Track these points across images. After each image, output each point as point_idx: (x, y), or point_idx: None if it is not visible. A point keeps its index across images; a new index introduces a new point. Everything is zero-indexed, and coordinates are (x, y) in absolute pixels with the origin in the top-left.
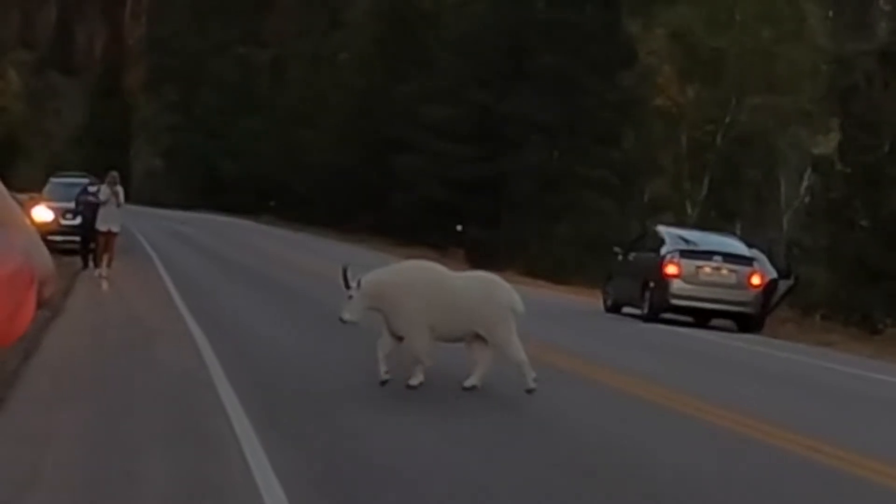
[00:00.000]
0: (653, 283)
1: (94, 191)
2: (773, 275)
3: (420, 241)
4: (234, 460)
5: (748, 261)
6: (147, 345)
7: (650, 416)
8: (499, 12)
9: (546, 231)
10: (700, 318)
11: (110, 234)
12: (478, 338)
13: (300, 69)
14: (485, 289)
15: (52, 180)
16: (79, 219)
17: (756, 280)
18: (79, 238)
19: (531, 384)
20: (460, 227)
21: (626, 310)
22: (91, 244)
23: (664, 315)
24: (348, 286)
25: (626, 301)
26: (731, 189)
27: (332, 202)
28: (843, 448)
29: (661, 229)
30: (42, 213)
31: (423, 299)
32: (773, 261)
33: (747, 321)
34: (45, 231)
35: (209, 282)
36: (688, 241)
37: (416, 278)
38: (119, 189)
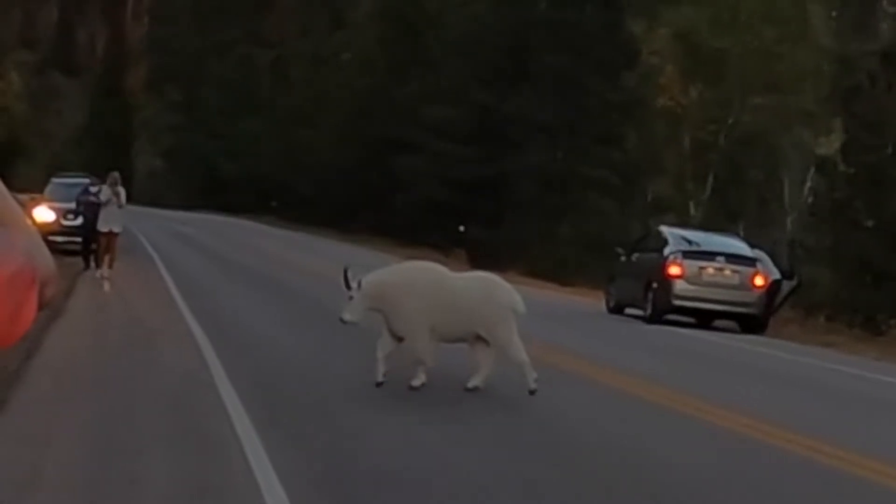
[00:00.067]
0: (656, 284)
1: (94, 191)
2: (776, 275)
3: (422, 241)
4: (235, 461)
5: (751, 261)
6: (148, 345)
7: (652, 416)
8: (500, 12)
9: (548, 231)
10: (703, 319)
11: (111, 235)
12: (479, 339)
13: (302, 69)
14: (485, 289)
15: (54, 181)
16: (80, 219)
17: (759, 281)
18: (80, 239)
19: (532, 385)
20: (462, 228)
21: (629, 311)
22: (92, 245)
23: (667, 316)
24: (349, 287)
25: (629, 302)
26: (734, 189)
27: (334, 202)
28: (844, 448)
29: (663, 230)
30: (43, 213)
31: (424, 300)
32: (776, 261)
33: (750, 322)
34: (46, 232)
35: (210, 282)
36: (691, 242)
37: (416, 279)
38: (120, 189)
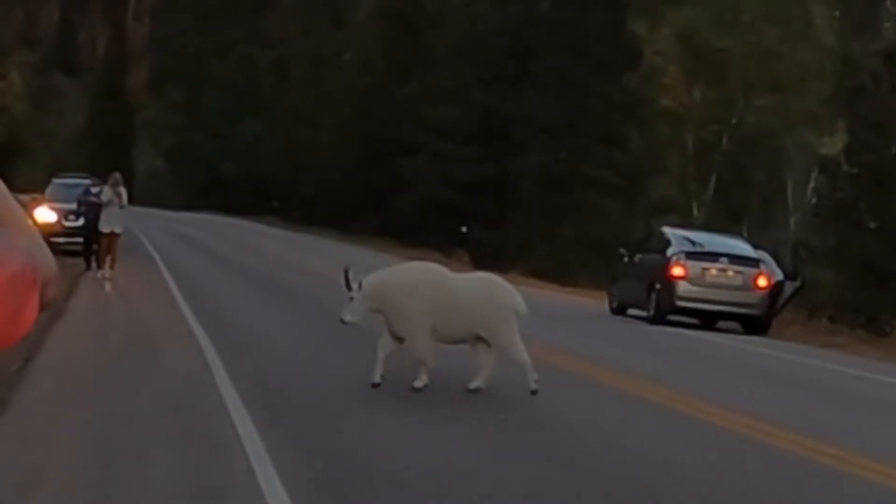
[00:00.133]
0: (658, 285)
1: (96, 192)
2: (779, 276)
3: (424, 242)
4: (236, 461)
5: (754, 262)
6: (150, 346)
7: (653, 417)
8: (503, 12)
9: (550, 232)
10: (706, 320)
11: (113, 236)
12: (481, 340)
13: (303, 69)
14: (486, 290)
15: (55, 181)
16: (81, 220)
17: (762, 282)
18: (81, 239)
19: (533, 385)
20: (464, 229)
21: (632, 311)
22: (94, 245)
23: (670, 317)
24: (349, 287)
25: (632, 303)
26: (737, 190)
27: (335, 203)
28: (845, 449)
29: (666, 230)
30: (45, 214)
31: (425, 301)
32: (779, 262)
33: (753, 323)
34: (47, 232)
35: (211, 282)
36: (694, 243)
37: (417, 280)
38: (122, 190)
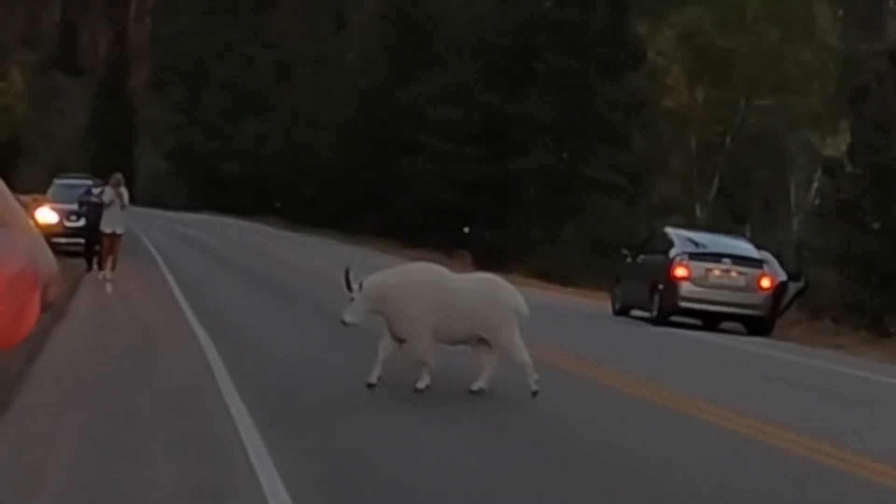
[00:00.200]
0: (661, 286)
1: (97, 192)
2: (782, 277)
3: (426, 242)
4: (237, 462)
5: (758, 263)
6: (151, 347)
7: (654, 417)
8: (504, 12)
9: (553, 233)
10: (709, 321)
11: (114, 237)
12: (482, 341)
13: (305, 70)
14: (488, 290)
15: (56, 182)
16: (83, 221)
17: (765, 282)
18: (83, 240)
19: (534, 387)
20: (467, 229)
21: (635, 312)
22: (95, 246)
23: (673, 318)
24: (350, 288)
25: (635, 304)
26: (741, 191)
27: (337, 203)
28: (846, 449)
29: (669, 231)
30: (46, 214)
31: (426, 302)
32: (782, 263)
33: (757, 324)
34: (48, 233)
35: (213, 284)
36: (697, 244)
37: (418, 281)
38: (123, 191)
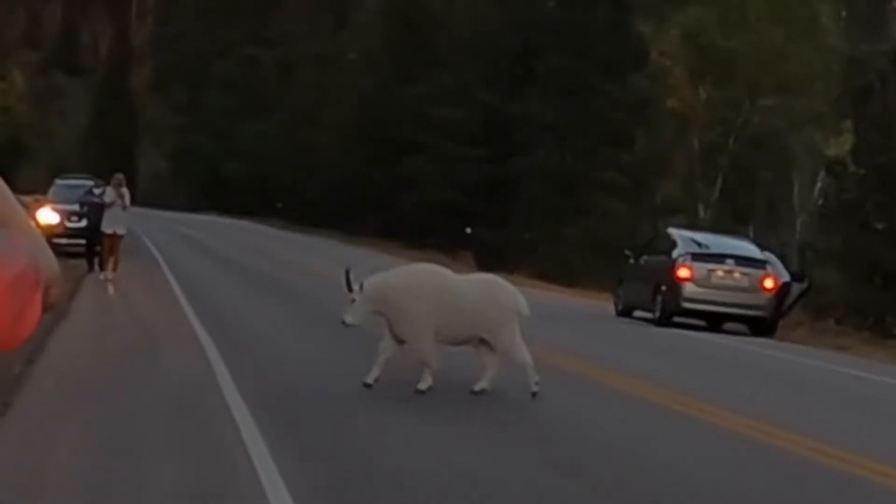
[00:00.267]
0: (664, 287)
1: (98, 193)
2: (785, 278)
3: (428, 243)
4: (239, 463)
5: (761, 264)
6: (152, 348)
7: (655, 418)
8: (507, 12)
9: (556, 233)
10: (712, 321)
11: (116, 237)
12: (484, 341)
13: (307, 70)
14: (489, 291)
15: (57, 182)
16: (84, 221)
17: (769, 283)
18: (84, 241)
19: (534, 388)
20: (469, 230)
21: (638, 314)
22: (96, 247)
23: (676, 319)
24: (350, 289)
25: (638, 305)
26: (744, 191)
27: (339, 204)
28: (847, 450)
29: (672, 232)
30: (47, 215)
31: (428, 302)
32: (785, 264)
33: (760, 325)
34: (49, 234)
35: (215, 284)
36: (700, 244)
37: (419, 281)
38: (125, 191)
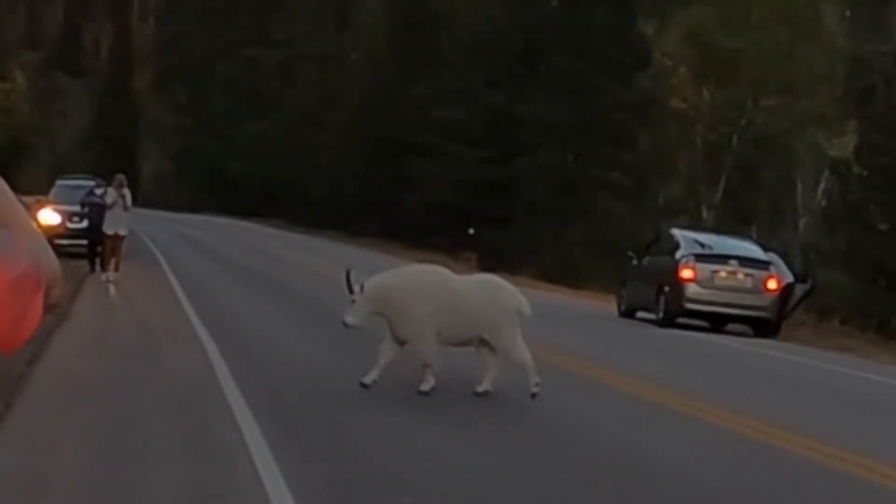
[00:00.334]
0: (668, 288)
1: (100, 193)
2: (789, 279)
3: (431, 244)
4: (241, 464)
5: (764, 265)
6: (154, 349)
7: (655, 418)
8: (511, 13)
9: (559, 234)
10: (716, 322)
11: (117, 238)
12: (485, 342)
13: (309, 70)
14: (490, 292)
15: (59, 183)
16: (85, 222)
17: (772, 284)
18: (86, 241)
19: (534, 388)
20: (472, 231)
21: (641, 314)
22: (98, 248)
23: (679, 320)
24: (351, 290)
25: (641, 306)
26: (747, 192)
27: (342, 204)
28: (848, 451)
29: (675, 233)
30: (49, 216)
31: (429, 303)
32: (789, 264)
33: (763, 326)
34: (51, 234)
35: (217, 285)
36: (703, 245)
37: (420, 282)
38: (126, 192)
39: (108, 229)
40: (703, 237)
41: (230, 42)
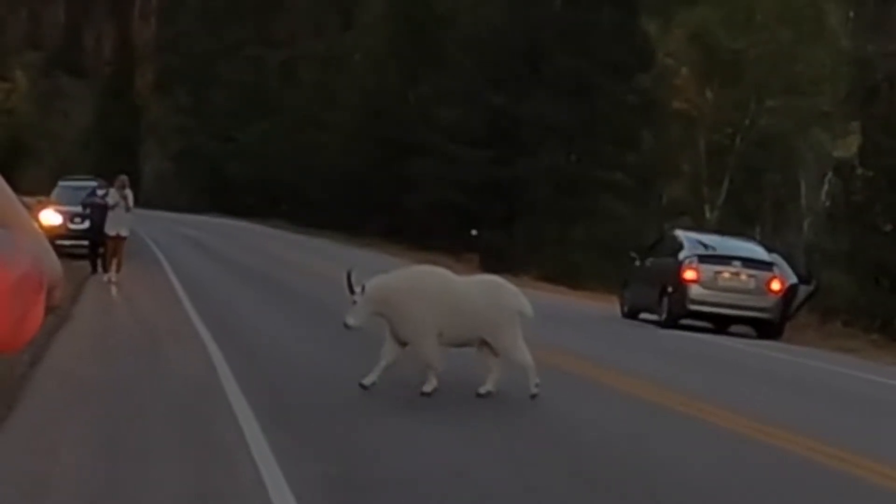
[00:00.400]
0: (671, 289)
1: (102, 194)
2: (793, 280)
3: (433, 245)
4: (243, 465)
5: (768, 266)
6: (155, 349)
7: (656, 418)
8: (514, 13)
9: (562, 235)
10: (719, 324)
11: (119, 239)
12: (487, 343)
13: (312, 70)
14: (491, 292)
15: (61, 183)
16: (87, 223)
17: (776, 285)
18: (87, 242)
19: (534, 390)
20: (475, 232)
21: (644, 316)
22: (100, 249)
23: (683, 321)
24: (352, 291)
25: (644, 307)
26: (751, 193)
27: (344, 205)
28: (848, 451)
29: (679, 234)
30: (50, 216)
31: (430, 304)
32: (793, 265)
33: (767, 327)
34: (53, 235)
35: (218, 286)
36: (706, 246)
37: (421, 283)
38: (128, 192)
39: (110, 230)
40: (706, 238)
41: (231, 42)
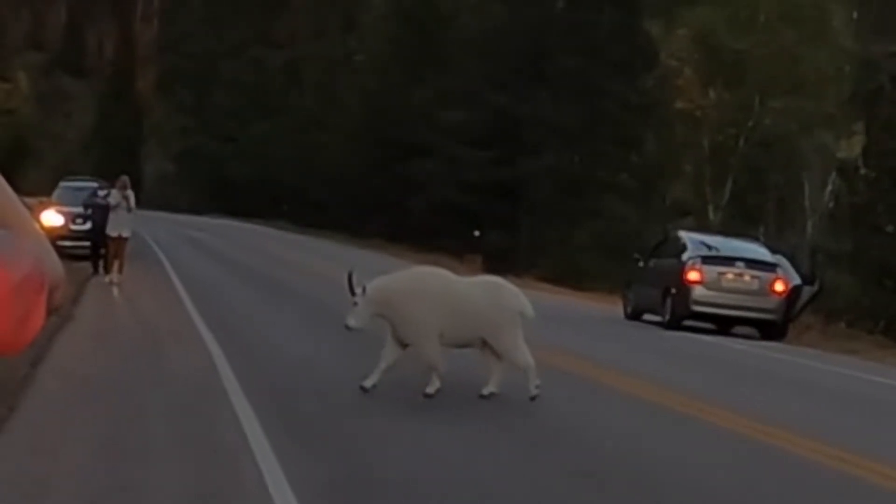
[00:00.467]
0: (674, 290)
1: (103, 195)
2: (796, 281)
3: (436, 246)
4: (245, 466)
5: (771, 267)
6: (157, 350)
7: (657, 419)
8: (517, 13)
9: (565, 236)
10: (722, 325)
11: (121, 240)
12: (489, 344)
13: (314, 71)
14: (492, 293)
15: (62, 184)
16: (89, 224)
17: (779, 286)
18: (89, 243)
19: (534, 391)
20: (478, 233)
21: (647, 317)
22: (101, 249)
23: (686, 322)
24: (353, 292)
25: (647, 308)
26: (754, 193)
27: (346, 206)
28: (847, 451)
29: (682, 235)
30: (52, 217)
31: (431, 305)
32: (796, 266)
33: (770, 328)
34: (54, 236)
35: (220, 287)
36: (710, 247)
37: (422, 284)
38: (130, 193)
39: (112, 231)
40: (709, 239)
41: (233, 43)
